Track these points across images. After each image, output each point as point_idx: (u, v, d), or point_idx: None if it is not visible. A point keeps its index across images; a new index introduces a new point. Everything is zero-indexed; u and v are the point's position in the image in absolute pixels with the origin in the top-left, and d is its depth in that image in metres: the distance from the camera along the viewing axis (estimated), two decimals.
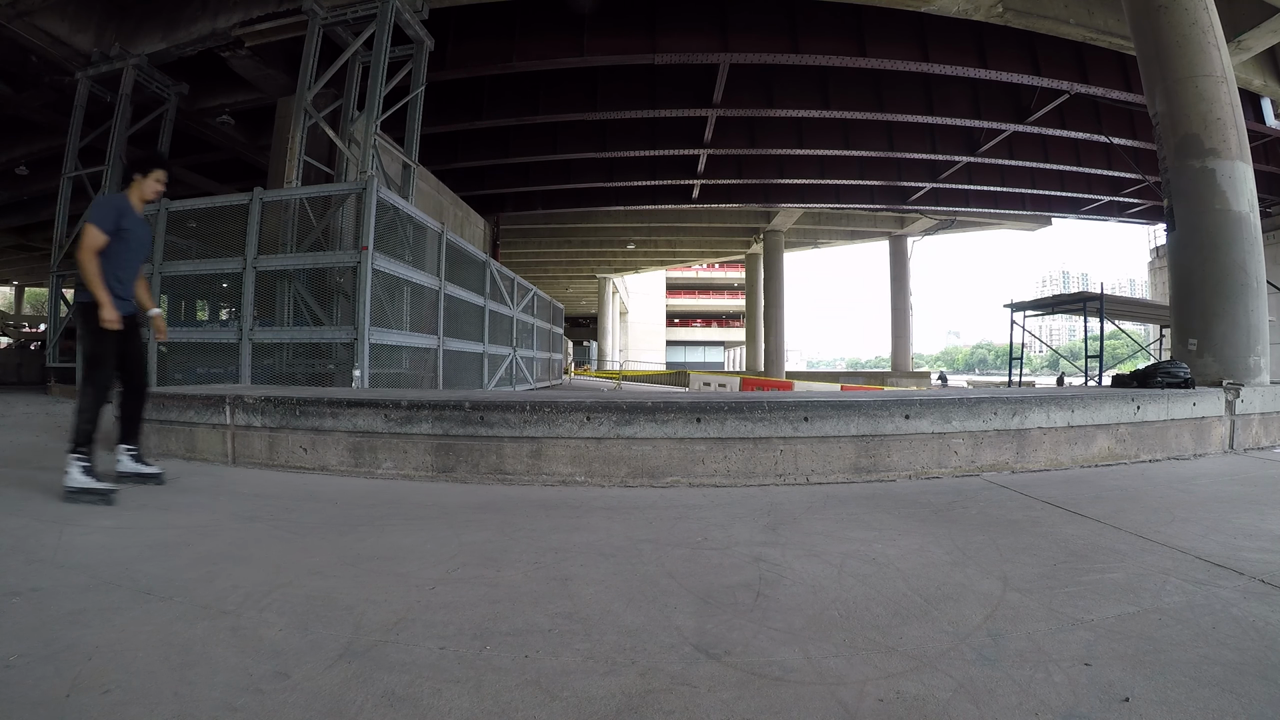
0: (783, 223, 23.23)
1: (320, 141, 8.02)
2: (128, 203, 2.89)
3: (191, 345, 7.16)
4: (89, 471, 2.61)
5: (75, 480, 2.59)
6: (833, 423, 3.13)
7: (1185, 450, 3.92)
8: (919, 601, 1.59)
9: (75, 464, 2.61)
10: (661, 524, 2.34)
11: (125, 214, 2.84)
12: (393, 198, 6.58)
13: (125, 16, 9.23)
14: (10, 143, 12.71)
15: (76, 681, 1.16)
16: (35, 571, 1.74)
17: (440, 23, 8.99)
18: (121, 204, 2.86)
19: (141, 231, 2.98)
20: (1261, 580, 1.72)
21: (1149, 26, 5.29)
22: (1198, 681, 1.18)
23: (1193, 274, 4.97)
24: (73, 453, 2.63)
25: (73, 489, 2.58)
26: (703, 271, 47.85)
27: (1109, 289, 11.32)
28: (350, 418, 3.28)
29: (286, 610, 1.51)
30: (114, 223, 2.78)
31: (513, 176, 15.91)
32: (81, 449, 2.65)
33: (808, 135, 13.65)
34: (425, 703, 1.12)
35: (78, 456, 2.63)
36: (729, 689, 1.17)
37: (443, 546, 2.04)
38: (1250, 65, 10.13)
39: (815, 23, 9.59)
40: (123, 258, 2.86)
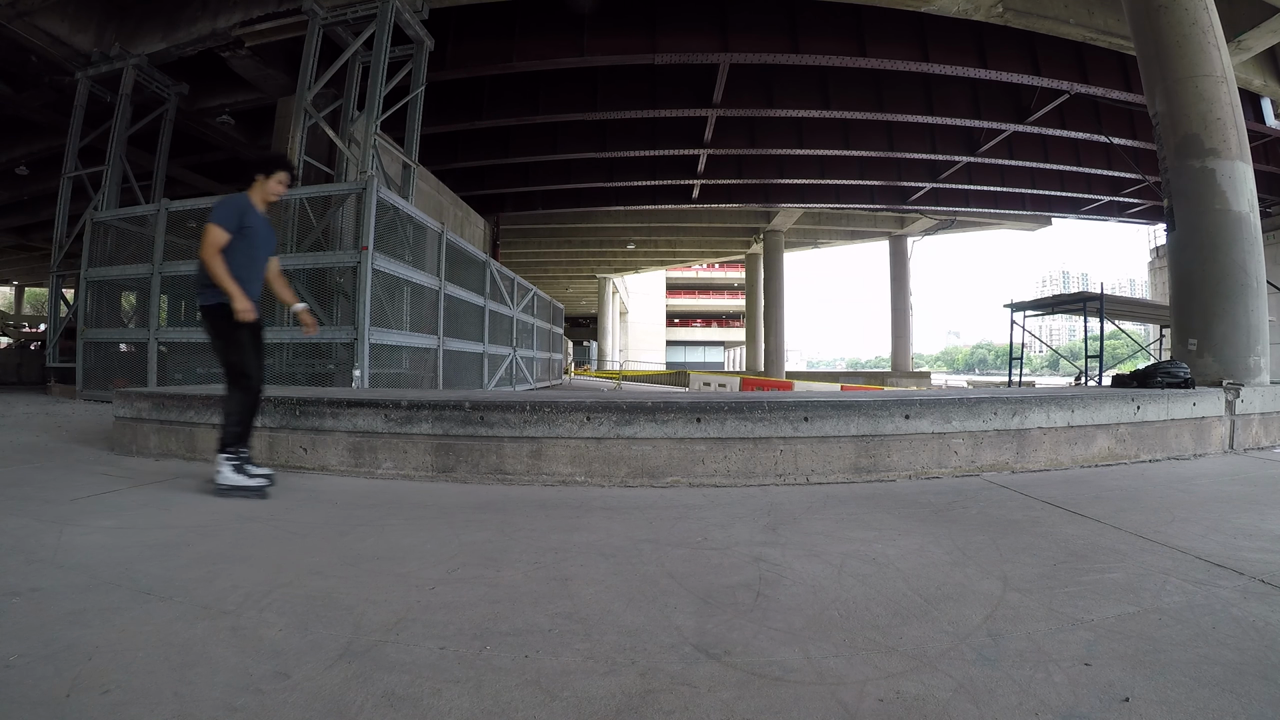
0: (783, 223, 23.23)
1: (320, 141, 8.02)
2: (249, 202, 2.88)
3: (191, 345, 7.16)
4: (240, 469, 2.70)
5: (227, 479, 2.67)
6: (833, 423, 3.13)
7: (1185, 450, 3.92)
8: (919, 601, 1.59)
9: (226, 463, 2.69)
10: (661, 524, 2.34)
11: (247, 213, 2.83)
12: (393, 198, 6.58)
13: (125, 16, 9.23)
14: (10, 143, 12.71)
15: (76, 681, 1.16)
16: (35, 571, 1.74)
17: (440, 23, 8.99)
18: (243, 203, 2.84)
19: (265, 230, 2.96)
20: (1261, 580, 1.72)
21: (1149, 26, 5.29)
22: (1198, 681, 1.18)
23: (1193, 274, 4.97)
24: (222, 452, 2.71)
25: (225, 486, 2.66)
26: (703, 271, 47.85)
27: (1109, 289, 11.31)
28: (350, 418, 3.28)
29: (286, 610, 1.51)
30: (237, 221, 2.77)
31: (513, 176, 15.91)
32: (230, 449, 2.71)
33: (808, 135, 13.65)
34: (425, 703, 1.12)
35: (228, 456, 2.70)
36: (729, 689, 1.17)
37: (443, 546, 2.04)
38: (1250, 65, 10.12)
39: (815, 23, 9.59)
40: (246, 257, 2.82)
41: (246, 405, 2.81)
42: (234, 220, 2.77)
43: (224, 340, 2.78)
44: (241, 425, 2.79)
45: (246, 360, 2.81)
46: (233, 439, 2.74)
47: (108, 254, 7.70)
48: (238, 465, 2.71)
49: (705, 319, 54.75)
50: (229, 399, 2.80)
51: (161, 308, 7.34)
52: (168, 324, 7.92)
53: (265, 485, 2.72)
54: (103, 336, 7.64)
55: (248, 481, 2.69)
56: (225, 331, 2.77)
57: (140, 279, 7.32)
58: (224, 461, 2.71)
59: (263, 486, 2.71)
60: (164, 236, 7.00)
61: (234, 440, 2.74)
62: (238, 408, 2.78)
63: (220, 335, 2.79)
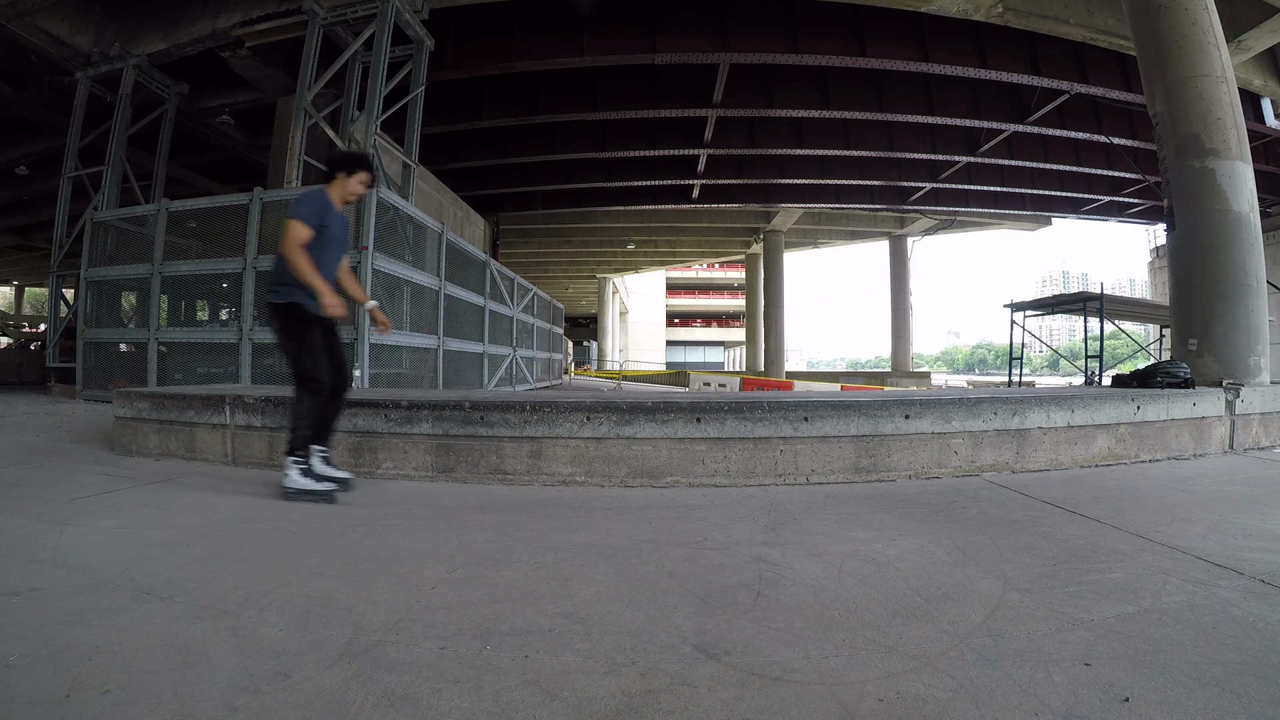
0: (783, 223, 23.23)
1: (320, 141, 8.02)
2: (329, 199, 2.80)
3: (191, 345, 7.17)
4: (308, 473, 2.64)
5: (295, 482, 2.61)
6: (833, 423, 3.13)
7: (1185, 450, 3.92)
8: (919, 601, 1.59)
9: (294, 466, 2.63)
10: (661, 524, 2.34)
11: (327, 211, 2.76)
12: (393, 198, 6.58)
13: (125, 16, 9.24)
14: (10, 143, 12.71)
15: (76, 681, 1.16)
16: (35, 571, 1.74)
17: (440, 23, 8.99)
18: (324, 200, 2.77)
19: (341, 229, 2.89)
20: (1261, 580, 1.72)
21: (1149, 26, 5.29)
22: (1198, 681, 1.18)
23: (1193, 274, 4.97)
24: (290, 455, 2.64)
25: (292, 490, 2.60)
26: (703, 271, 47.84)
27: (1109, 289, 11.31)
28: (350, 417, 3.27)
29: (286, 610, 1.51)
30: (318, 218, 2.69)
31: (513, 176, 15.92)
32: (298, 452, 2.65)
33: (808, 135, 13.65)
34: (425, 703, 1.12)
35: (296, 459, 2.64)
36: (729, 689, 1.17)
37: (443, 546, 2.04)
38: (1250, 65, 10.13)
39: (815, 23, 9.59)
40: (320, 255, 2.73)
41: (317, 408, 2.71)
42: (316, 217, 2.69)
43: (295, 342, 2.69)
44: (311, 429, 2.70)
45: (318, 363, 2.72)
46: (301, 442, 2.67)
47: (108, 254, 7.70)
48: (305, 469, 2.64)
49: (705, 319, 54.74)
50: (298, 401, 2.71)
51: (161, 308, 7.34)
52: (168, 324, 7.92)
53: (334, 490, 2.65)
54: (103, 336, 7.64)
55: (315, 486, 2.63)
56: (296, 332, 2.69)
57: (140, 279, 7.32)
58: (291, 465, 2.64)
59: (331, 491, 2.63)
60: (164, 236, 7.00)
61: (302, 444, 2.67)
62: (307, 411, 2.69)
63: (290, 336, 2.70)
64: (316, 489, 2.62)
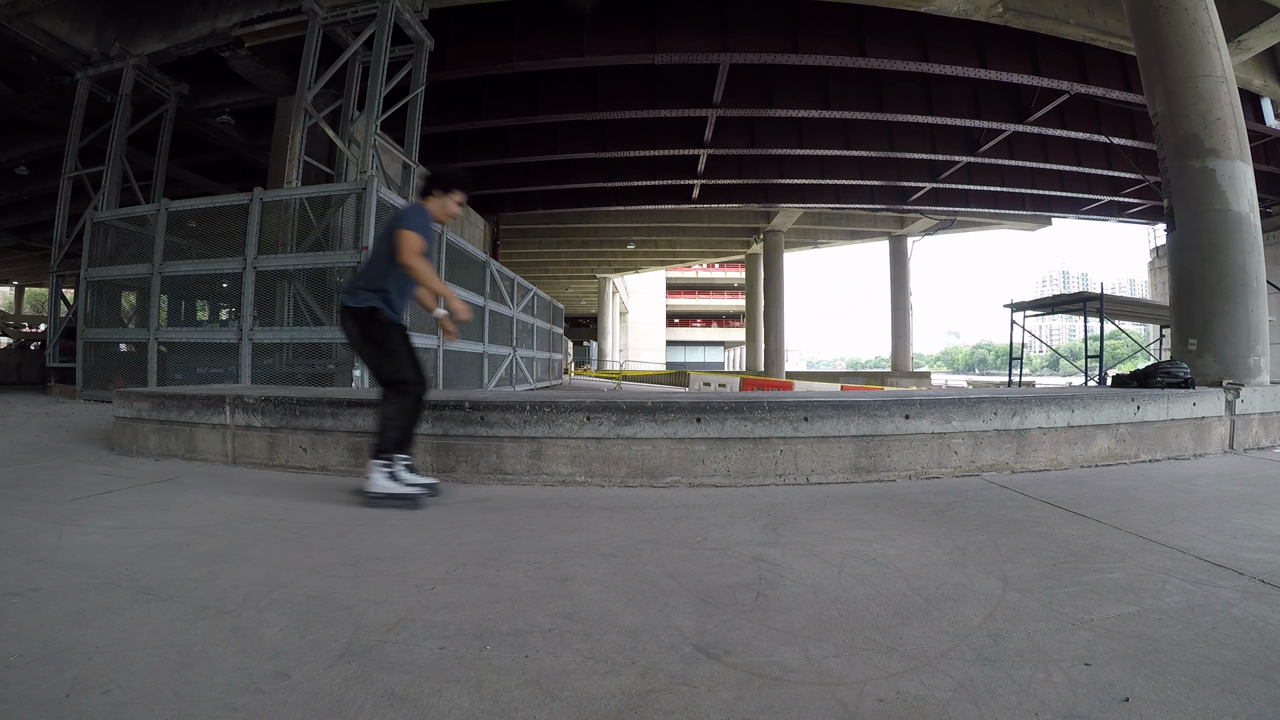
0: (783, 223, 23.23)
1: (320, 141, 8.02)
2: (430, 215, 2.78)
3: (191, 345, 7.17)
4: (393, 477, 2.59)
5: (380, 486, 2.56)
6: (833, 423, 3.13)
7: (1185, 450, 3.92)
8: (919, 601, 1.59)
9: (379, 470, 2.58)
10: (661, 524, 2.34)
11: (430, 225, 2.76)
12: (393, 198, 6.58)
13: (125, 16, 9.24)
14: (10, 143, 12.71)
15: (76, 681, 1.16)
16: (35, 571, 1.74)
17: (440, 23, 8.99)
18: (429, 215, 2.76)
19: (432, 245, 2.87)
20: (1261, 580, 1.72)
21: (1149, 26, 5.29)
22: (1198, 681, 1.18)
23: (1193, 274, 4.97)
24: (376, 459, 2.60)
25: (377, 495, 2.55)
26: (703, 271, 47.84)
27: (1109, 289, 11.31)
28: (350, 418, 3.28)
29: (286, 610, 1.51)
30: (430, 232, 2.69)
31: (513, 176, 15.91)
32: (385, 455, 2.60)
33: (808, 135, 13.65)
34: (425, 703, 1.12)
35: (382, 463, 2.59)
36: (729, 689, 1.17)
37: (443, 546, 2.04)
38: (1250, 65, 10.13)
39: (815, 23, 9.59)
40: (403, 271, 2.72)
41: (406, 411, 2.69)
42: (427, 230, 2.68)
43: (378, 346, 2.67)
44: (400, 432, 2.67)
45: (403, 365, 2.70)
46: (390, 445, 2.63)
47: (108, 254, 7.71)
48: (391, 473, 2.61)
49: (705, 319, 54.74)
50: (387, 404, 2.67)
51: (161, 308, 7.34)
52: (168, 324, 7.93)
53: (421, 494, 2.61)
54: (103, 336, 7.64)
55: (401, 489, 2.58)
56: (377, 337, 2.67)
57: (140, 279, 7.32)
58: (377, 468, 2.59)
59: (418, 495, 2.59)
60: (164, 236, 7.00)
61: (390, 447, 2.63)
62: (397, 413, 2.65)
63: (371, 340, 2.67)
64: (404, 493, 2.56)
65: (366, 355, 2.73)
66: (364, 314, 2.67)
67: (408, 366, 2.71)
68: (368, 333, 2.68)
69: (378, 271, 2.69)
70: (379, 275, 2.69)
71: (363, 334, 2.68)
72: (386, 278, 2.68)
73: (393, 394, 2.68)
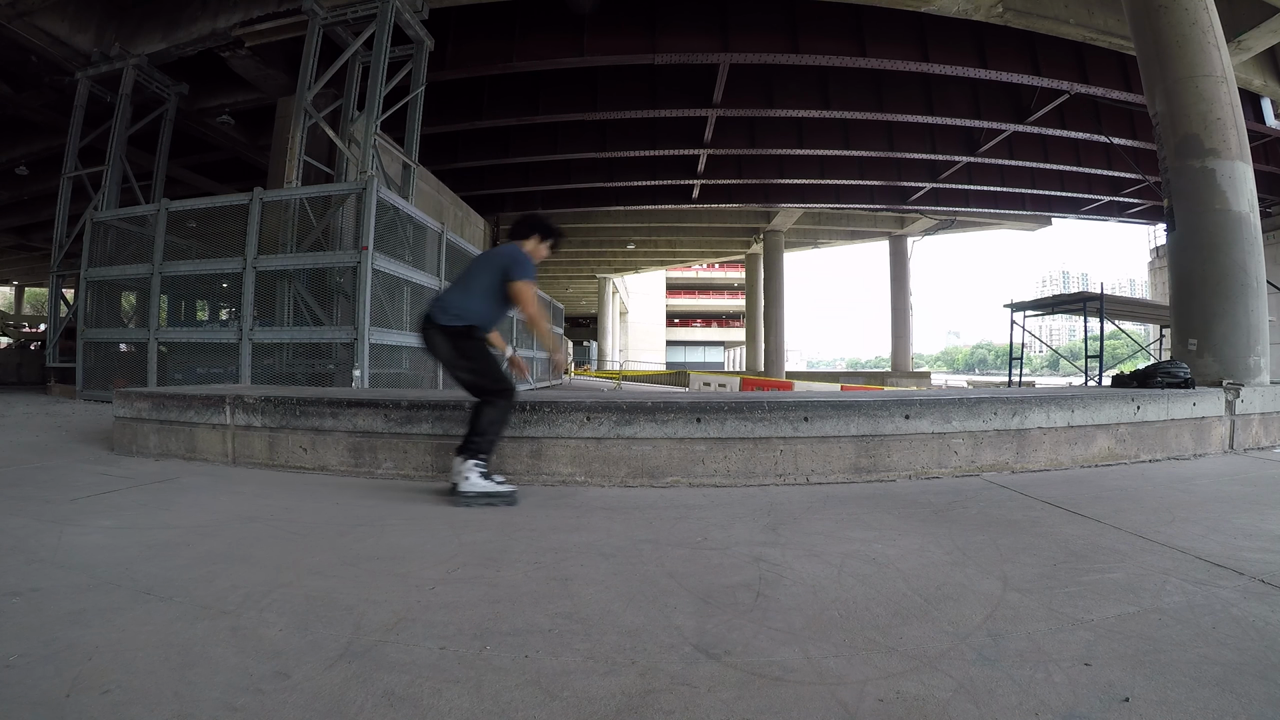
0: (783, 223, 23.21)
1: (320, 141, 8.02)
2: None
3: (191, 345, 7.17)
4: (487, 476, 2.66)
5: (475, 485, 2.62)
6: (833, 423, 3.13)
7: (1185, 450, 3.92)
8: (919, 601, 1.59)
9: (474, 470, 2.64)
10: (661, 524, 2.34)
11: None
12: (393, 198, 6.58)
13: (125, 16, 9.23)
14: (10, 143, 12.71)
15: (76, 681, 1.16)
16: (35, 571, 1.74)
17: (440, 23, 8.99)
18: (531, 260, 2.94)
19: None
20: (1261, 580, 1.72)
21: (1149, 26, 5.29)
22: (1198, 681, 1.18)
23: (1193, 274, 4.97)
24: (473, 459, 2.66)
25: (471, 493, 2.61)
26: (703, 271, 47.81)
27: (1109, 289, 11.30)
28: (350, 418, 3.28)
29: (286, 610, 1.51)
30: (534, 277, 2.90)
31: (513, 176, 15.91)
32: (482, 456, 2.67)
33: (808, 135, 13.65)
34: (425, 703, 1.12)
35: (477, 463, 2.65)
36: (729, 689, 1.17)
37: (443, 546, 2.04)
38: (1250, 65, 10.12)
39: (815, 23, 9.58)
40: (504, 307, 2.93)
41: (505, 414, 2.80)
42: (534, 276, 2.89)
43: (475, 360, 2.82)
44: (497, 435, 2.78)
45: (500, 373, 2.84)
46: (486, 447, 2.71)
47: (108, 254, 7.71)
48: (485, 472, 2.67)
49: (705, 319, 54.72)
50: (489, 408, 2.74)
51: (161, 308, 7.35)
52: (168, 324, 7.93)
53: (515, 491, 2.70)
54: (103, 336, 7.64)
55: (496, 487, 2.65)
56: (474, 351, 2.82)
57: (140, 279, 7.32)
58: (473, 468, 2.65)
59: (513, 492, 2.68)
60: (164, 236, 7.00)
61: (487, 448, 2.71)
62: (497, 417, 2.75)
63: (467, 354, 2.81)
64: (499, 491, 2.63)
65: (462, 369, 2.82)
66: (461, 331, 2.80)
67: (502, 374, 2.86)
68: (462, 348, 2.81)
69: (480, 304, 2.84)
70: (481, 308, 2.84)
71: (459, 349, 2.81)
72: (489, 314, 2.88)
73: (499, 398, 2.78)
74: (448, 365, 2.86)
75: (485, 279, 2.86)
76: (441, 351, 2.84)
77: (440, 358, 2.88)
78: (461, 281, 2.95)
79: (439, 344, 2.83)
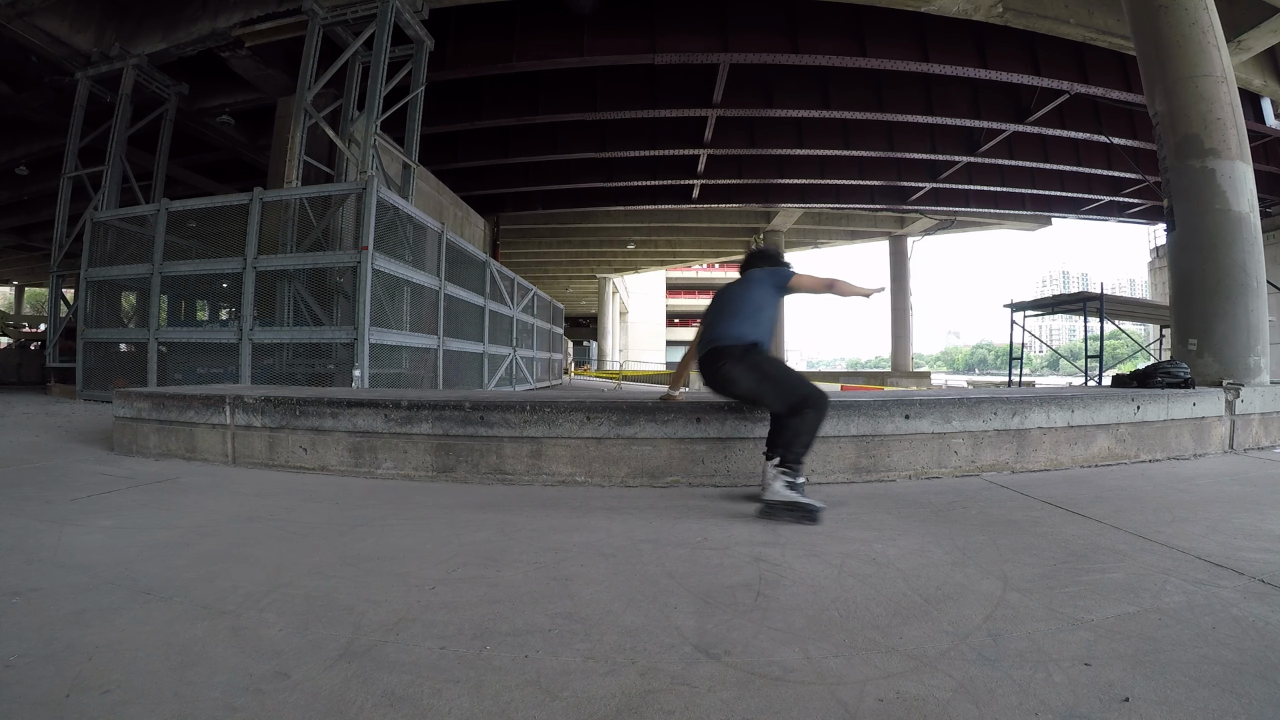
0: (783, 223, 23.20)
1: (320, 141, 8.02)
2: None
3: (191, 345, 7.17)
4: (793, 487, 2.58)
5: (781, 494, 2.55)
6: (832, 423, 3.13)
7: (1185, 450, 3.92)
8: (919, 601, 1.59)
9: (781, 478, 2.58)
10: (661, 524, 2.34)
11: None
12: (393, 198, 6.58)
13: (125, 16, 9.24)
14: (10, 143, 12.71)
15: (76, 681, 1.16)
16: (35, 571, 1.74)
17: (440, 23, 8.99)
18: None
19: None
20: (1261, 580, 1.72)
21: (1149, 26, 5.29)
22: (1198, 681, 1.18)
23: (1193, 274, 4.97)
24: (782, 467, 2.59)
25: (778, 502, 2.53)
26: (703, 271, 47.76)
27: (1109, 289, 11.30)
28: (350, 418, 3.28)
29: (286, 610, 1.51)
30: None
31: (513, 176, 15.90)
32: (794, 466, 2.60)
33: (808, 135, 13.64)
34: (425, 703, 1.12)
35: (786, 471, 2.59)
36: (729, 689, 1.17)
37: (443, 546, 2.04)
38: (1250, 65, 10.12)
39: (815, 23, 9.58)
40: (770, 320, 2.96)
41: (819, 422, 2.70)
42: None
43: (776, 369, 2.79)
44: (810, 443, 2.69)
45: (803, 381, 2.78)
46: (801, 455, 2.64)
47: (108, 254, 7.71)
48: (791, 482, 2.60)
49: None
50: (806, 417, 2.66)
51: (161, 308, 7.35)
52: (168, 324, 7.93)
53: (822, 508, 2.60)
54: (103, 336, 7.64)
55: (801, 499, 2.56)
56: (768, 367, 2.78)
57: (140, 279, 7.32)
58: (782, 476, 2.59)
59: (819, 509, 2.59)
60: (164, 236, 7.00)
61: (798, 458, 2.64)
62: (812, 425, 2.68)
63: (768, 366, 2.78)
64: (805, 502, 2.55)
65: (766, 387, 2.77)
66: (749, 348, 2.80)
67: (804, 381, 2.79)
68: (758, 365, 2.78)
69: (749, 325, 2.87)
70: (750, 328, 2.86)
71: (757, 363, 2.78)
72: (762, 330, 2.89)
73: (810, 408, 2.68)
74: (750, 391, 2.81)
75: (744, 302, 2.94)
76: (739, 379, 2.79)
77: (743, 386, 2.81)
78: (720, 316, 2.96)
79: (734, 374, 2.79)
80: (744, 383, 2.80)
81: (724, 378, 2.83)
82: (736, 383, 2.81)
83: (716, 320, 2.97)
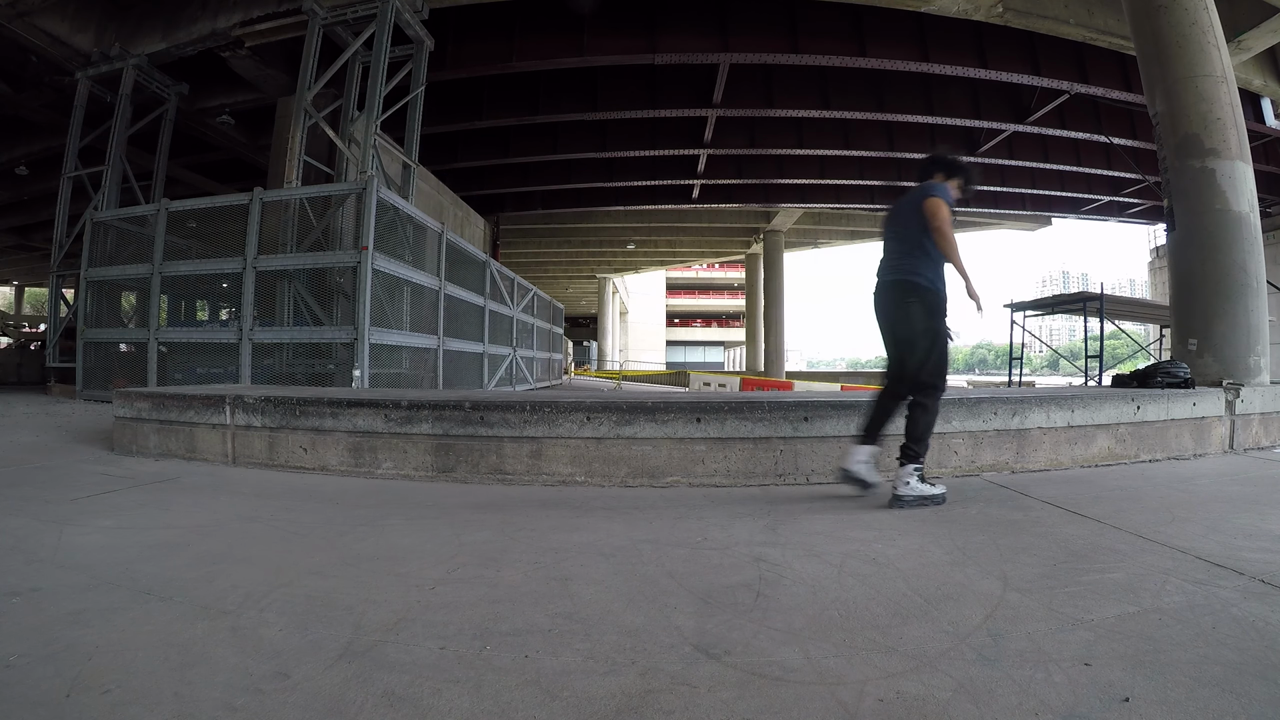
0: (783, 223, 23.22)
1: (320, 141, 8.02)
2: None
3: (191, 345, 7.18)
4: (923, 479, 2.55)
5: (916, 489, 2.52)
6: (833, 423, 3.13)
7: (1185, 450, 3.92)
8: (919, 601, 1.59)
9: (913, 473, 2.53)
10: (661, 524, 2.34)
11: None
12: (393, 198, 6.58)
13: (125, 16, 9.24)
14: (10, 143, 12.71)
15: (76, 681, 1.16)
16: (35, 571, 1.74)
17: (440, 23, 8.99)
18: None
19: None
20: (1261, 580, 1.72)
21: (1149, 26, 5.29)
22: (1198, 681, 1.18)
23: (1193, 274, 4.97)
24: (911, 462, 2.54)
25: (910, 496, 2.50)
26: (703, 271, 47.83)
27: (1109, 289, 11.31)
28: (350, 418, 3.28)
29: (286, 610, 1.51)
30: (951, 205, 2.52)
31: (513, 176, 15.91)
32: (920, 460, 2.54)
33: (808, 135, 13.65)
34: (425, 703, 1.12)
35: (915, 466, 2.54)
36: (729, 689, 1.17)
37: (443, 546, 2.04)
38: (1250, 65, 10.12)
39: (815, 23, 9.59)
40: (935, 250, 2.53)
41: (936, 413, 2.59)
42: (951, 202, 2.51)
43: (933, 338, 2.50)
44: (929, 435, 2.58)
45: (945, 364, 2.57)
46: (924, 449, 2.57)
47: (108, 254, 7.71)
48: (922, 475, 2.56)
49: (705, 319, 54.72)
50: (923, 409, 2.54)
51: (161, 308, 7.35)
52: (168, 324, 7.93)
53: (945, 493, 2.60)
54: (103, 336, 7.64)
55: (933, 491, 2.55)
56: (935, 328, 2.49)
57: (140, 279, 7.32)
58: (912, 471, 2.54)
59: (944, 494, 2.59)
60: (164, 236, 7.00)
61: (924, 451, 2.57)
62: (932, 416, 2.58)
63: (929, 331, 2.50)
64: (936, 493, 2.54)
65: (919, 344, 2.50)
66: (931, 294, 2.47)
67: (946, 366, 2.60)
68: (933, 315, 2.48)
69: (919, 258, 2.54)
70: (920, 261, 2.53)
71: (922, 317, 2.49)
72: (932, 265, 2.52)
73: (929, 398, 2.57)
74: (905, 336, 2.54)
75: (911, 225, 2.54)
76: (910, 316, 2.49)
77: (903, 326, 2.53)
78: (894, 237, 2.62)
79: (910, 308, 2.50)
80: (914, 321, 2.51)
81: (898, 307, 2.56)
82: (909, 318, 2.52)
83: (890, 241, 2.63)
